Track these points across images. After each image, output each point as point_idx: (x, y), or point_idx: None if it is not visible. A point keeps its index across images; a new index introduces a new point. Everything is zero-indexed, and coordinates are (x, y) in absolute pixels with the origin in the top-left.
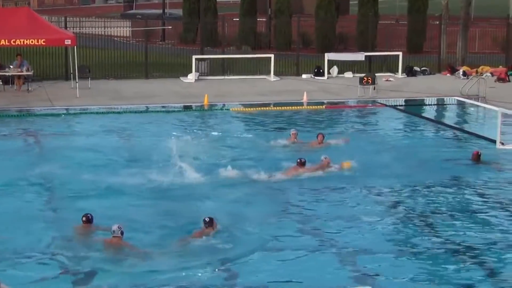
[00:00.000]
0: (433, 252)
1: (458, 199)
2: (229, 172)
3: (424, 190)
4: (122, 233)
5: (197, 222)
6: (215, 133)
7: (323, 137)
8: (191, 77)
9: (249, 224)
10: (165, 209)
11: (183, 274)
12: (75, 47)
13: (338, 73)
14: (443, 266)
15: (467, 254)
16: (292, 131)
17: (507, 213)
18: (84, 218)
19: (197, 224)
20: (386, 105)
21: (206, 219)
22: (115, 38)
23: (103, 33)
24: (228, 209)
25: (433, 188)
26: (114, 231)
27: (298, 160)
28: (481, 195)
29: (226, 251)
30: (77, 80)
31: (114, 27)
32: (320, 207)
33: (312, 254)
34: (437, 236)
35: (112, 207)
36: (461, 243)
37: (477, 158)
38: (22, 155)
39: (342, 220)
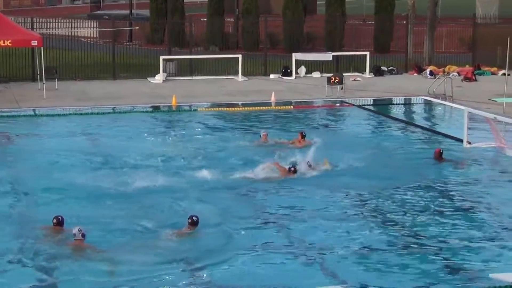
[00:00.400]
0: (402, 250)
1: (426, 198)
2: (201, 173)
3: (392, 189)
4: (83, 235)
5: (167, 223)
6: (183, 134)
7: (304, 136)
8: (159, 77)
9: (222, 226)
10: (136, 210)
11: (153, 274)
12: (42, 48)
13: (306, 73)
14: (411, 264)
15: (435, 252)
16: (263, 132)
17: (474, 211)
18: (55, 220)
19: (167, 225)
20: (353, 105)
21: (194, 217)
22: (82, 39)
23: (70, 34)
24: (199, 210)
25: (400, 187)
26: (74, 234)
27: (292, 168)
28: (449, 194)
29: (201, 252)
30: (44, 81)
31: (81, 28)
32: (289, 208)
33: (283, 255)
34: (406, 235)
35: (83, 209)
36: (429, 242)
37: (439, 156)
38: None
39: (310, 220)
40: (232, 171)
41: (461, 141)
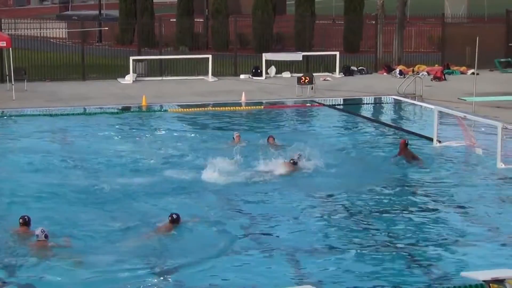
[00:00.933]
0: (373, 249)
1: (396, 197)
2: (172, 173)
3: (362, 188)
4: (46, 236)
5: (139, 223)
6: (154, 135)
7: (274, 139)
8: (129, 78)
9: (193, 226)
10: (106, 211)
11: (123, 273)
12: (11, 49)
13: (276, 73)
14: (382, 263)
15: (406, 250)
16: (236, 133)
17: (444, 209)
18: (21, 220)
19: (139, 225)
20: (324, 105)
21: (174, 215)
22: (51, 40)
23: (39, 34)
24: (172, 211)
25: (371, 186)
26: (37, 235)
27: (291, 160)
28: (419, 193)
29: (176, 252)
30: (13, 83)
31: (50, 28)
32: (260, 208)
33: (256, 254)
34: (376, 234)
35: (51, 210)
36: (400, 241)
37: (404, 146)
38: None
39: (282, 220)
40: (204, 171)
41: (431, 140)
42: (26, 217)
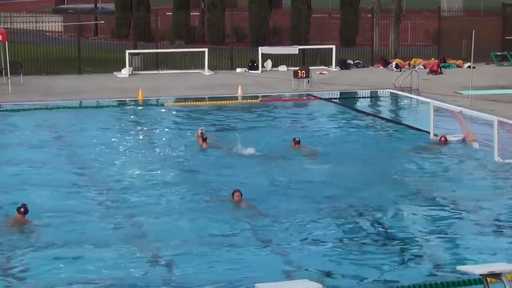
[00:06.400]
0: (370, 243)
1: (393, 190)
2: (170, 165)
3: (359, 181)
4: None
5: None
6: (148, 129)
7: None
8: (125, 72)
9: (179, 219)
10: (102, 203)
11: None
12: (6, 42)
13: (272, 66)
14: (379, 256)
15: (403, 244)
16: (199, 130)
17: (442, 203)
18: (22, 209)
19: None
20: (320, 98)
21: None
22: (47, 33)
23: (34, 28)
24: (164, 203)
25: (368, 180)
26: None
27: (297, 139)
28: (416, 186)
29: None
30: (9, 76)
31: (46, 22)
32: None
33: (253, 247)
34: (374, 227)
35: (46, 201)
36: (397, 234)
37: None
38: None
39: (272, 215)
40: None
41: (428, 133)
42: (26, 205)
